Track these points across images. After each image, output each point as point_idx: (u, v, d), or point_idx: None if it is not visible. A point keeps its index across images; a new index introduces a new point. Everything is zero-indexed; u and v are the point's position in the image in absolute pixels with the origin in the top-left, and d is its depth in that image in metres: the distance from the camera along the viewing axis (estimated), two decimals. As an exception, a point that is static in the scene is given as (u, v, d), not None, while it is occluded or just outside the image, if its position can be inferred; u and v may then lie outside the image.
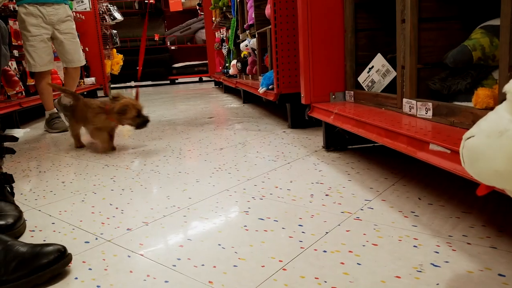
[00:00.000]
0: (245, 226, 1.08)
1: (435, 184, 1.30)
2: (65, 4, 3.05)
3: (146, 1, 8.39)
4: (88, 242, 1.04)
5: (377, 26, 1.73)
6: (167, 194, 1.39)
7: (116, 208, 1.29)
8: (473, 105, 1.04)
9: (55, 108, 3.14)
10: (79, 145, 2.35)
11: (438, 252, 0.88)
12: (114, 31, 6.51)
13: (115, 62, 6.36)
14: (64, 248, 0.88)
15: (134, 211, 1.25)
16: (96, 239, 1.06)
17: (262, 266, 0.87)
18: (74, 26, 3.12)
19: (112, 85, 7.25)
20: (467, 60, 1.14)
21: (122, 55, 6.55)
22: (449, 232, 0.97)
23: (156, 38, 8.32)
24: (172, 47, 8.46)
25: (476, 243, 0.91)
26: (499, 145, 0.58)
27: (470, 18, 1.27)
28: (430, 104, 1.18)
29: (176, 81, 8.70)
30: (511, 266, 0.81)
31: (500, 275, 0.78)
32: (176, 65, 8.34)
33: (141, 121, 2.01)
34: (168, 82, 8.57)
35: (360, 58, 1.75)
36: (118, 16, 6.46)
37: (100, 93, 6.15)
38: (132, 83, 8.50)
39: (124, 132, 2.85)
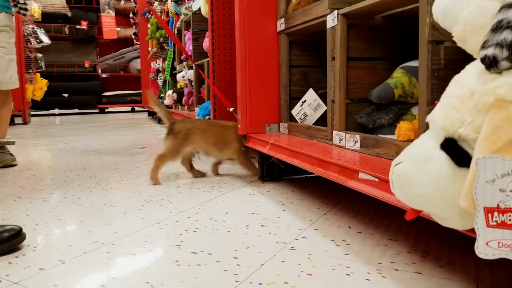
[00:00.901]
0: (177, 261, 1.02)
1: (364, 212, 1.36)
2: (3, 12, 2.35)
3: (78, 27, 8.10)
4: (-7, 283, 0.91)
5: (310, 63, 1.83)
6: (89, 229, 1.28)
7: (28, 245, 1.15)
8: (396, 138, 1.12)
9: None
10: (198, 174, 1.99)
11: (369, 280, 0.90)
12: (40, 55, 6.14)
13: (38, 87, 5.95)
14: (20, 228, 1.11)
15: (49, 248, 1.12)
16: (1, 281, 0.93)
17: (195, 301, 0.82)
18: (12, 40, 2.44)
19: (33, 112, 6.73)
20: (389, 97, 1.23)
21: (46, 80, 6.16)
22: (378, 259, 1.00)
23: (87, 65, 8.00)
24: (104, 75, 8.17)
25: (403, 269, 0.95)
26: (425, 170, 0.62)
27: (392, 59, 1.39)
28: (357, 136, 1.25)
29: (106, 110, 8.35)
30: (434, 289, 0.85)
31: (425, 299, 0.81)
32: (107, 94, 8.04)
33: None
34: (97, 111, 8.20)
35: (293, 92, 1.82)
36: (46, 39, 6.12)
37: (17, 120, 5.67)
38: (56, 110, 7.99)
39: (43, 160, 2.63)
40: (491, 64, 0.58)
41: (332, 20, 1.36)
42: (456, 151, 0.61)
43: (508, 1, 0.58)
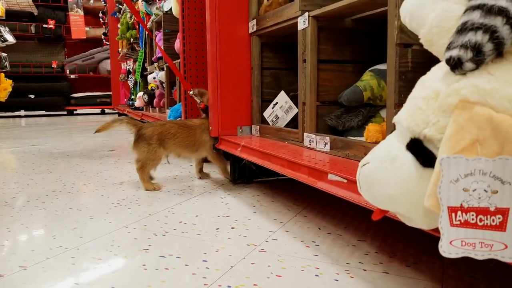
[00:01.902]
0: (144, 265, 0.99)
1: (333, 214, 1.37)
2: None
3: (44, 26, 7.83)
4: None
5: (282, 66, 1.83)
6: (53, 234, 1.22)
7: (-13, 250, 1.09)
8: (364, 139, 1.13)
9: None
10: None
11: (337, 280, 0.90)
12: (4, 54, 5.88)
13: (2, 88, 5.69)
14: None
15: (10, 254, 1.07)
16: (-45, 288, 0.87)
17: (161, 307, 0.79)
18: None
19: (-3, 113, 6.44)
20: (359, 99, 1.25)
21: (11, 81, 5.90)
22: (347, 259, 1.01)
23: (54, 65, 7.74)
24: (72, 76, 7.92)
25: (371, 269, 0.95)
26: (391, 170, 0.62)
27: (361, 62, 1.41)
28: (327, 138, 1.25)
29: (75, 112, 8.10)
30: (401, 289, 0.86)
31: (392, 298, 0.82)
32: (75, 95, 7.80)
33: None
34: (65, 113, 7.93)
35: (265, 94, 1.82)
36: (10, 38, 5.87)
37: (-20, 121, 5.40)
38: (22, 112, 7.68)
39: (6, 163, 2.51)
40: (455, 65, 0.58)
41: (303, 22, 1.36)
42: (421, 152, 0.61)
43: (473, 3, 0.59)
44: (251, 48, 1.79)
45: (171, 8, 2.84)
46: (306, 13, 1.34)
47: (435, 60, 0.82)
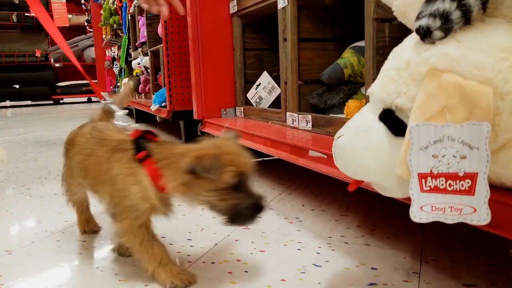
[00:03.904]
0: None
1: (317, 191, 1.38)
2: None
3: (26, 14, 7.64)
4: None
5: (264, 46, 1.82)
6: (38, 219, 1.22)
7: (-29, 237, 1.09)
8: (345, 116, 1.14)
9: None
10: (88, 229, 1.10)
11: (319, 253, 0.92)
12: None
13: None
14: None
15: (-6, 240, 1.07)
16: None
17: (146, 285, 0.80)
18: None
19: (-20, 105, 6.33)
20: (339, 77, 1.25)
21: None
22: (329, 234, 1.03)
23: (38, 54, 7.58)
24: (57, 65, 7.78)
25: (353, 242, 0.97)
26: (364, 140, 0.63)
27: (342, 40, 1.41)
28: (309, 117, 1.26)
29: (61, 101, 7.98)
30: (381, 260, 0.88)
31: (373, 268, 0.84)
32: (61, 84, 7.67)
33: (246, 205, 0.74)
34: (52, 102, 7.81)
35: (248, 76, 1.81)
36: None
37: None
38: (7, 102, 7.55)
39: (-9, 155, 2.48)
40: (425, 34, 0.59)
41: (282, 1, 1.35)
42: (393, 121, 0.62)
43: (439, -28, 0.59)
44: (233, 29, 1.78)
45: (153, -9, 2.78)
46: (286, -9, 1.33)
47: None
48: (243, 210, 0.73)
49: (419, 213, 0.57)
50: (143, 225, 0.79)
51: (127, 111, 4.65)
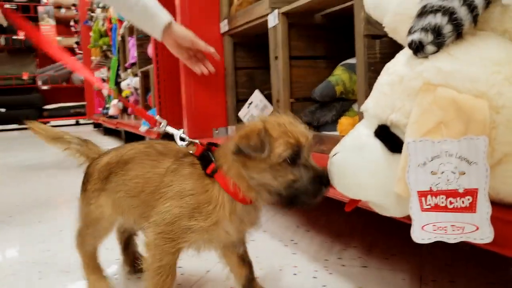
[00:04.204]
0: (116, 275, 0.96)
1: (312, 211, 1.35)
2: None
3: (14, 37, 7.62)
4: None
5: (255, 65, 1.81)
6: (17, 248, 1.17)
7: None
8: (338, 133, 1.12)
9: None
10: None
11: (316, 277, 0.88)
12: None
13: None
14: None
15: (-27, 270, 1.01)
16: None
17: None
18: None
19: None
20: (331, 94, 1.24)
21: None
22: (325, 256, 0.99)
23: (25, 77, 7.53)
24: (44, 87, 7.72)
25: (350, 264, 0.94)
26: (361, 158, 0.61)
27: (333, 57, 1.41)
28: (302, 135, 1.24)
29: (48, 124, 7.88)
30: (380, 282, 0.85)
31: (371, 291, 0.81)
32: (48, 107, 7.59)
33: (306, 180, 0.66)
34: (40, 125, 7.70)
35: (240, 94, 1.79)
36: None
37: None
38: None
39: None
40: (417, 48, 0.58)
41: (273, 20, 1.35)
42: (389, 137, 0.61)
43: (430, -13, 0.59)
44: (224, 48, 1.77)
45: (142, 13, 2.79)
46: (276, 10, 1.34)
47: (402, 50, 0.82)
48: (302, 186, 0.64)
49: (421, 234, 0.54)
50: (179, 250, 0.72)
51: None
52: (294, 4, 1.26)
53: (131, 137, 3.84)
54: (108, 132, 5.17)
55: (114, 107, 3.77)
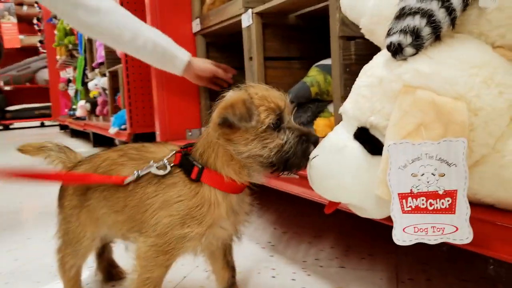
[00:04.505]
0: (88, 284, 0.92)
1: (289, 212, 1.35)
2: None
3: (-28, 35, 7.23)
4: None
5: (229, 65, 1.79)
6: (-16, 257, 1.10)
7: None
8: (314, 135, 1.12)
9: None
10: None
11: (294, 279, 0.87)
12: None
13: None
14: None
15: None
16: None
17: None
18: None
19: None
20: (306, 96, 1.24)
21: None
22: (303, 257, 0.99)
23: (-15, 76, 7.17)
24: (6, 88, 7.37)
25: (328, 265, 0.94)
26: (341, 160, 0.60)
27: (307, 58, 1.41)
28: (278, 136, 1.23)
29: (11, 126, 7.53)
30: (358, 282, 0.85)
31: (350, 292, 0.81)
32: (11, 108, 7.25)
33: (293, 141, 0.66)
34: (1, 127, 7.36)
35: (214, 95, 1.77)
36: None
37: None
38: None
39: None
40: (396, 51, 0.58)
41: (247, 20, 1.34)
42: (369, 140, 0.60)
43: (408, -11, 0.59)
44: (196, 48, 1.74)
45: (110, 11, 2.71)
46: (250, 10, 1.32)
47: (376, 52, 0.83)
48: (291, 148, 0.63)
49: (402, 235, 0.54)
50: (172, 263, 0.69)
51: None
52: (268, 4, 1.25)
53: (100, 139, 3.72)
54: (76, 134, 4.99)
55: (81, 108, 3.64)
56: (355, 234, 1.13)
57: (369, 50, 1.06)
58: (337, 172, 0.61)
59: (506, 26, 0.56)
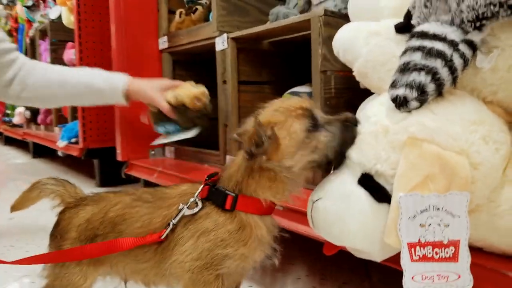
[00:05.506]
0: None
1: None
2: None
3: None
4: None
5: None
6: None
7: None
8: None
9: None
10: None
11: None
12: None
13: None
14: None
15: None
16: None
17: None
18: None
19: None
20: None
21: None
22: (281, 286, 0.99)
23: None
24: None
25: (308, 295, 0.95)
26: (348, 207, 0.62)
27: (278, 83, 1.43)
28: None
29: None
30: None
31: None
32: None
33: (337, 131, 0.65)
34: None
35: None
36: None
37: None
38: None
39: None
40: (401, 103, 0.61)
41: (222, 43, 1.33)
42: (374, 187, 0.62)
43: (412, 44, 0.62)
44: (162, 65, 1.69)
45: (59, 16, 2.54)
46: (225, 34, 1.31)
47: (354, 87, 0.86)
48: (340, 139, 0.63)
49: (412, 283, 0.57)
50: (220, 276, 0.64)
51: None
52: (246, 31, 1.26)
53: (40, 150, 3.45)
54: (9, 141, 4.58)
55: (19, 115, 3.36)
56: (329, 262, 1.15)
57: (345, 84, 1.10)
58: (343, 217, 0.62)
59: (498, 85, 0.61)
